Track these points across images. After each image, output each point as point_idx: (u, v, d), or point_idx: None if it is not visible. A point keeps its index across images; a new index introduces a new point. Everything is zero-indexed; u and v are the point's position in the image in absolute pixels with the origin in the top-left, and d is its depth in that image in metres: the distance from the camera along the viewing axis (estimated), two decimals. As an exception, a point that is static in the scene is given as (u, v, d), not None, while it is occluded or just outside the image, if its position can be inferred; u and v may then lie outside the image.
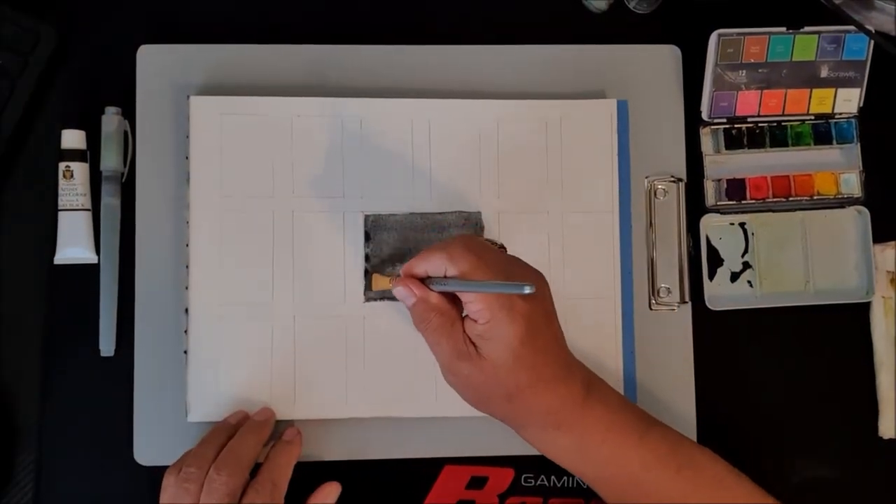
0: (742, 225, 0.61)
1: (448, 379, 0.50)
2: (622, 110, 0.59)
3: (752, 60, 0.59)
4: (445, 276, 0.49)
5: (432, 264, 0.49)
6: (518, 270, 0.50)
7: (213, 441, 0.52)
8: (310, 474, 0.55)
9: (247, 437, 0.52)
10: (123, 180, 0.58)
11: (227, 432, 0.53)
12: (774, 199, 0.60)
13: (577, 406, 0.50)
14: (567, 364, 0.51)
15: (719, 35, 0.59)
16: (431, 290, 0.49)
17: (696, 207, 0.60)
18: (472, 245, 0.49)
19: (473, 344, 0.48)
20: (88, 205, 0.57)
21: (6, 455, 0.56)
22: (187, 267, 0.56)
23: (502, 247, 0.57)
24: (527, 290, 0.45)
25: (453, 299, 0.50)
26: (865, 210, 0.61)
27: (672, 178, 0.60)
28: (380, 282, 0.55)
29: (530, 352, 0.48)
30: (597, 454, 0.50)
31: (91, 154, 0.57)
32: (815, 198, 0.60)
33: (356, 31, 0.60)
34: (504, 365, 0.48)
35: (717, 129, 0.60)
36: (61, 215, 0.56)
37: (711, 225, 0.61)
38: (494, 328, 0.47)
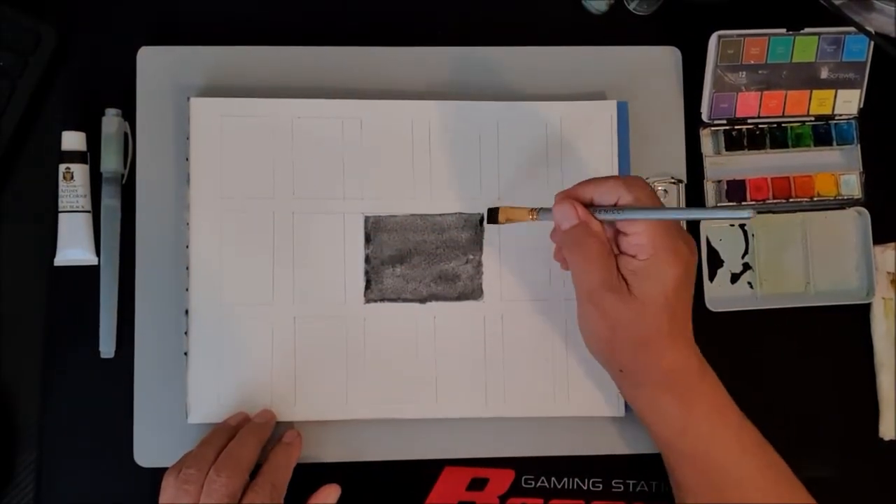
0: (742, 226, 0.61)
1: (585, 310, 0.50)
2: (622, 112, 0.59)
3: (752, 62, 0.59)
4: (616, 205, 0.48)
5: (603, 190, 0.49)
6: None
7: (213, 442, 0.52)
8: (310, 475, 0.55)
9: (247, 438, 0.52)
10: (124, 182, 0.58)
11: (227, 434, 0.53)
12: (775, 201, 0.60)
13: (694, 376, 0.51)
14: (691, 334, 0.51)
15: (719, 36, 0.59)
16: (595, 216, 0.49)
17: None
18: (635, 176, 0.50)
19: (625, 280, 0.48)
20: (88, 206, 0.57)
21: (6, 456, 0.56)
22: (187, 268, 0.56)
23: None
24: (748, 214, 0.45)
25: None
26: (866, 211, 0.61)
27: (672, 180, 0.60)
28: (512, 213, 0.54)
29: (678, 300, 0.49)
30: (699, 429, 0.51)
31: (91, 156, 0.57)
32: (815, 199, 0.60)
33: (356, 33, 0.60)
34: (653, 305, 0.48)
35: (718, 130, 0.60)
36: (61, 217, 0.56)
37: (712, 226, 0.61)
38: (653, 266, 0.47)
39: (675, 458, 0.52)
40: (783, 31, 0.59)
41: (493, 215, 0.55)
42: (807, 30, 0.59)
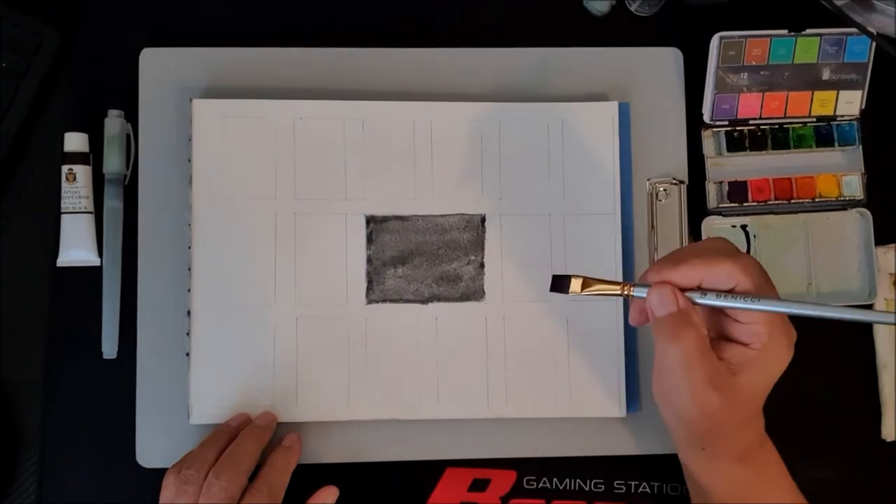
0: (744, 227, 0.61)
1: (683, 407, 0.45)
2: (624, 113, 0.59)
3: (754, 63, 0.59)
4: (733, 291, 0.43)
5: (717, 273, 0.43)
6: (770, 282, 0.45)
7: (214, 444, 0.52)
8: (312, 476, 0.55)
9: (247, 441, 0.52)
10: (126, 183, 0.58)
11: (227, 435, 0.53)
12: (776, 202, 0.60)
13: (763, 439, 0.49)
14: None
15: (721, 37, 0.59)
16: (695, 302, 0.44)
17: (697, 210, 0.60)
18: (748, 255, 0.44)
19: (727, 368, 0.44)
20: (91, 207, 0.57)
21: (9, 457, 0.56)
22: (189, 269, 0.56)
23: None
24: (891, 320, 0.40)
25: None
26: (867, 212, 0.60)
27: (674, 181, 0.60)
28: (594, 284, 0.47)
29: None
30: (770, 489, 0.49)
31: (94, 157, 0.58)
32: (817, 200, 0.60)
33: (358, 34, 0.60)
34: (759, 396, 0.44)
35: (719, 131, 0.60)
36: (64, 218, 0.57)
37: (713, 227, 0.61)
38: (766, 355, 0.43)
39: None
40: (785, 32, 0.59)
41: (560, 283, 0.46)
42: (808, 31, 0.59)
